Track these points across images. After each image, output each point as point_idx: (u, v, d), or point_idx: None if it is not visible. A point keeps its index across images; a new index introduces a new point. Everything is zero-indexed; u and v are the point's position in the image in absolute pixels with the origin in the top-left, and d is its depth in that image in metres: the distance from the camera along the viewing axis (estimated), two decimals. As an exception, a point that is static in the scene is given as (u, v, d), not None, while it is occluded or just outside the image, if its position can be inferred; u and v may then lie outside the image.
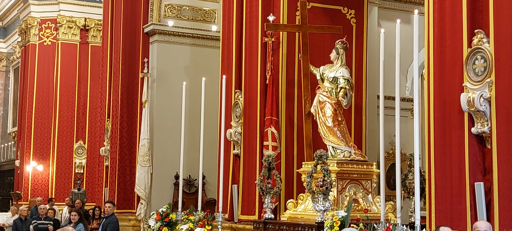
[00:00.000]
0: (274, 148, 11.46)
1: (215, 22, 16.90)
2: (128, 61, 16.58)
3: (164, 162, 16.00)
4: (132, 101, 16.58)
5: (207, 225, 10.75)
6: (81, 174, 22.17)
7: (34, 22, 22.97)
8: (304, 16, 11.46)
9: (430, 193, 8.08)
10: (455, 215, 7.71)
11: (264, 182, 10.35)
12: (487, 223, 6.50)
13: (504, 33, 7.35)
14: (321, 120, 10.32)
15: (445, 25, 8.08)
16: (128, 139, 16.54)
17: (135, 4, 16.72)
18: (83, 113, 22.48)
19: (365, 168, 10.15)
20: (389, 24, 11.34)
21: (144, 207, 15.81)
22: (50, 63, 22.73)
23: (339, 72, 10.35)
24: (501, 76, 7.36)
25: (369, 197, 10.09)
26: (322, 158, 9.26)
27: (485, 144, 7.67)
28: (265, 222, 10.32)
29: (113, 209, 12.46)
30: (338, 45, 10.52)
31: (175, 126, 14.98)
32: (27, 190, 22.25)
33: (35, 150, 22.46)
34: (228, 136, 12.53)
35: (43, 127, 22.61)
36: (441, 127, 8.02)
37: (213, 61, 15.04)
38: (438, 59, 8.12)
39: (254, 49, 12.18)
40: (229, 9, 13.09)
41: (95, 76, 21.00)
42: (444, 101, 8.01)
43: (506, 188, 7.16)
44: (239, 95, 12.56)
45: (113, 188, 16.45)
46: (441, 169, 7.96)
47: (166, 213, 11.37)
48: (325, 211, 9.04)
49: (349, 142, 10.34)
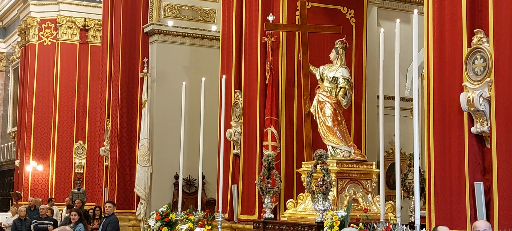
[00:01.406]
0: (273, 148, 11.46)
1: (214, 22, 16.89)
2: (127, 61, 16.58)
3: (164, 162, 16.00)
4: (131, 101, 16.58)
5: (207, 225, 10.75)
6: (81, 174, 22.15)
7: (34, 22, 22.94)
8: (304, 16, 11.46)
9: (430, 193, 8.08)
10: (455, 215, 7.71)
11: (264, 181, 10.34)
12: (487, 223, 6.51)
13: (503, 33, 7.35)
14: (321, 119, 10.32)
15: (444, 24, 8.08)
16: (128, 138, 16.54)
17: (134, 4, 16.71)
18: (83, 113, 22.47)
19: (365, 167, 10.15)
20: (389, 24, 11.34)
21: (144, 207, 15.81)
22: (50, 63, 22.71)
23: (338, 72, 10.35)
24: (500, 75, 7.36)
25: (369, 197, 10.08)
26: (322, 157, 9.26)
27: (484, 143, 7.67)
28: (265, 222, 10.32)
29: (114, 209, 12.48)
30: (338, 45, 10.51)
31: (175, 126, 14.97)
32: (27, 190, 22.23)
33: (35, 150, 22.44)
34: (228, 136, 12.53)
35: (43, 126, 22.58)
36: (441, 126, 8.02)
37: (212, 61, 15.03)
38: (438, 59, 8.12)
39: (254, 49, 12.18)
40: (228, 9, 13.09)
41: (95, 76, 20.99)
42: (444, 101, 8.01)
43: (505, 188, 7.16)
44: (238, 95, 12.56)
45: (113, 188, 16.45)
46: (440, 169, 7.96)
47: (166, 213, 11.36)
48: (324, 211, 9.04)
49: (348, 141, 10.34)
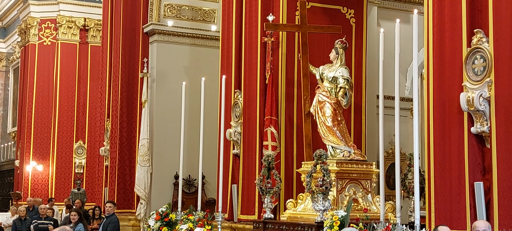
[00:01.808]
0: (273, 148, 11.46)
1: (214, 22, 16.89)
2: (127, 61, 16.58)
3: (164, 162, 16.00)
4: (131, 101, 16.58)
5: (207, 225, 10.74)
6: (81, 174, 22.15)
7: (33, 22, 22.95)
8: (304, 16, 11.46)
9: (430, 193, 8.08)
10: (455, 215, 7.71)
11: (264, 181, 10.34)
12: (487, 223, 6.49)
13: (503, 33, 7.35)
14: (321, 119, 10.31)
15: (444, 24, 8.08)
16: (127, 138, 16.54)
17: (134, 4, 16.71)
18: (82, 113, 22.47)
19: (365, 167, 10.15)
20: (389, 24, 11.33)
21: (144, 207, 15.81)
22: (50, 63, 22.71)
23: (338, 72, 10.35)
24: (500, 75, 7.36)
25: (369, 197, 10.08)
26: (322, 157, 9.26)
27: (484, 143, 7.67)
28: (264, 222, 10.32)
29: (114, 209, 12.49)
30: (338, 45, 10.51)
31: (174, 126, 14.97)
32: (27, 190, 22.23)
33: (35, 149, 22.44)
34: (228, 136, 12.53)
35: (43, 126, 22.58)
36: (441, 126, 8.02)
37: (212, 61, 15.04)
38: (438, 59, 8.12)
39: (254, 49, 12.18)
40: (228, 9, 13.09)
41: (94, 76, 21.00)
42: (444, 101, 8.01)
43: (505, 188, 7.16)
44: (238, 95, 12.56)
45: (113, 188, 16.45)
46: (440, 169, 7.95)
47: (165, 213, 11.36)
48: (324, 211, 9.04)
49: (348, 141, 10.34)
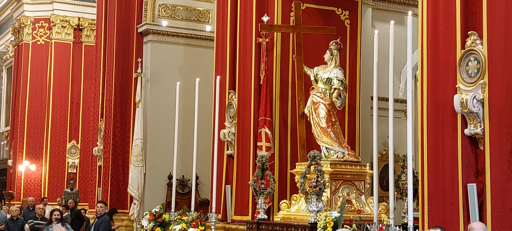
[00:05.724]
0: (267, 149, 11.46)
1: (209, 22, 16.88)
2: (121, 61, 16.54)
3: (158, 162, 15.97)
4: (125, 101, 16.55)
5: (200, 226, 10.73)
6: (74, 173, 22.08)
7: (27, 21, 22.87)
8: (298, 16, 11.47)
9: (423, 194, 8.10)
10: (448, 216, 7.73)
11: (258, 182, 10.34)
12: (483, 225, 6.46)
13: (497, 35, 7.37)
14: (315, 120, 10.33)
15: (438, 26, 8.10)
16: (121, 139, 16.51)
17: (128, 4, 16.68)
18: (76, 113, 22.40)
19: (359, 168, 10.17)
20: (383, 26, 11.35)
21: (137, 207, 15.77)
22: (44, 62, 22.64)
23: (333, 73, 10.36)
24: (494, 78, 7.38)
25: (362, 198, 10.10)
26: (316, 158, 9.27)
27: (478, 145, 7.69)
28: (258, 223, 10.32)
29: (105, 209, 12.48)
30: (332, 46, 10.53)
31: (168, 126, 14.95)
32: (20, 189, 22.16)
33: (28, 149, 22.36)
34: (222, 137, 12.52)
35: (36, 126, 22.50)
36: (434, 128, 8.03)
37: (207, 62, 15.02)
38: (432, 61, 8.14)
39: (248, 50, 12.18)
40: (223, 10, 13.09)
41: (88, 76, 20.94)
42: (437, 103, 8.03)
43: (498, 189, 7.17)
44: (233, 96, 12.56)
45: (106, 188, 16.41)
46: (434, 170, 7.97)
47: (159, 213, 11.34)
48: (318, 212, 9.04)
49: (342, 142, 10.35)
